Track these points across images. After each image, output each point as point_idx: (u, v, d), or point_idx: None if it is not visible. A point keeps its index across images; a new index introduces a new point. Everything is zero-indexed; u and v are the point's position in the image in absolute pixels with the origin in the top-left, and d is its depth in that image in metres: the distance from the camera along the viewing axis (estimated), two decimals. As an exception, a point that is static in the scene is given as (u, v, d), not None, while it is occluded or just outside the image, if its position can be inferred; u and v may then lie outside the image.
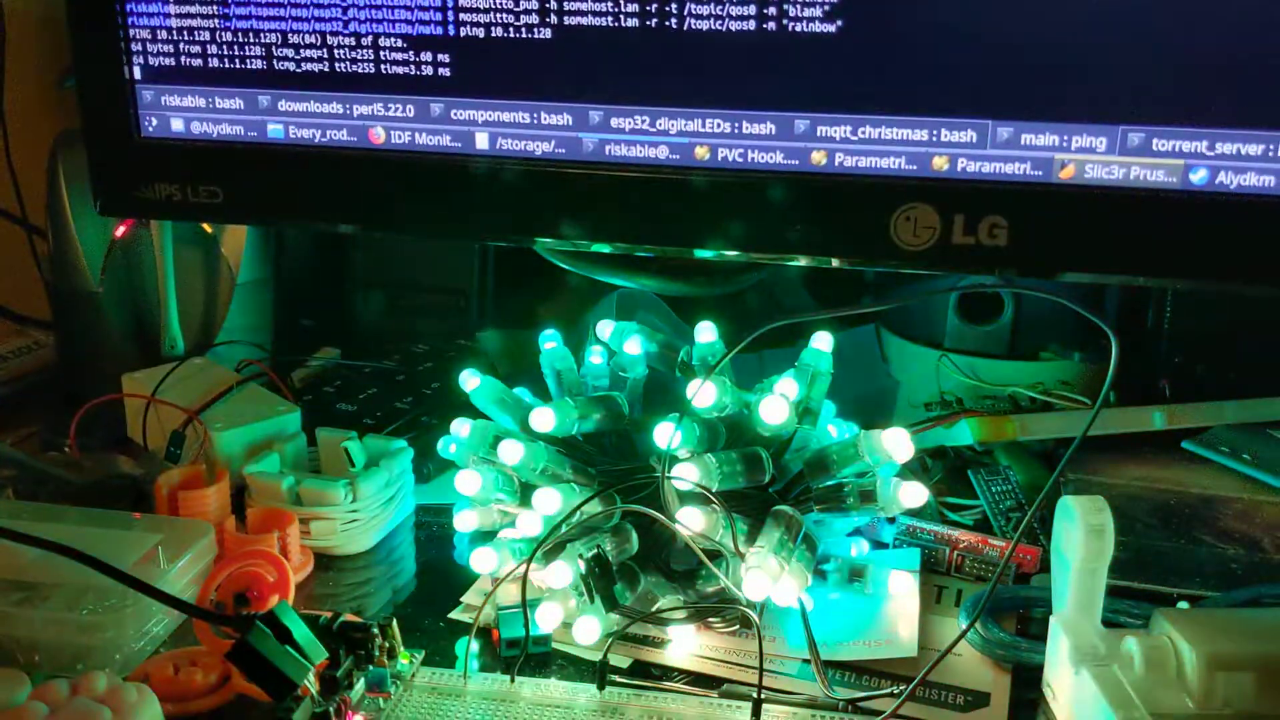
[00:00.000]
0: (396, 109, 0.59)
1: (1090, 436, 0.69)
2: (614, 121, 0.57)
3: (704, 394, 0.51)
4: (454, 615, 0.57)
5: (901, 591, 0.56)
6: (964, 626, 0.53)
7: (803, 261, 0.57)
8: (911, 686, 0.48)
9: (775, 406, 0.52)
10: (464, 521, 0.59)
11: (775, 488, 0.56)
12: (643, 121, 0.56)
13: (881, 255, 0.53)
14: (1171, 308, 0.73)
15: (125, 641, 0.51)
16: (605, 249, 0.59)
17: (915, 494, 0.54)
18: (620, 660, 0.53)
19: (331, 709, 0.44)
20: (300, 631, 0.45)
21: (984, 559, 0.60)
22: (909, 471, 0.59)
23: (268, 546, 0.56)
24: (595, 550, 0.51)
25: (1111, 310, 0.75)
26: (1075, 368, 0.74)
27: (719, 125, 0.55)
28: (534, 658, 0.52)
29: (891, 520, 0.63)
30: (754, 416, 0.54)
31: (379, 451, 0.65)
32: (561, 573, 0.53)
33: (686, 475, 0.52)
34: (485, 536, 0.58)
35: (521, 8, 0.56)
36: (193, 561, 0.55)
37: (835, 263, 0.56)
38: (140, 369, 0.74)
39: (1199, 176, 0.51)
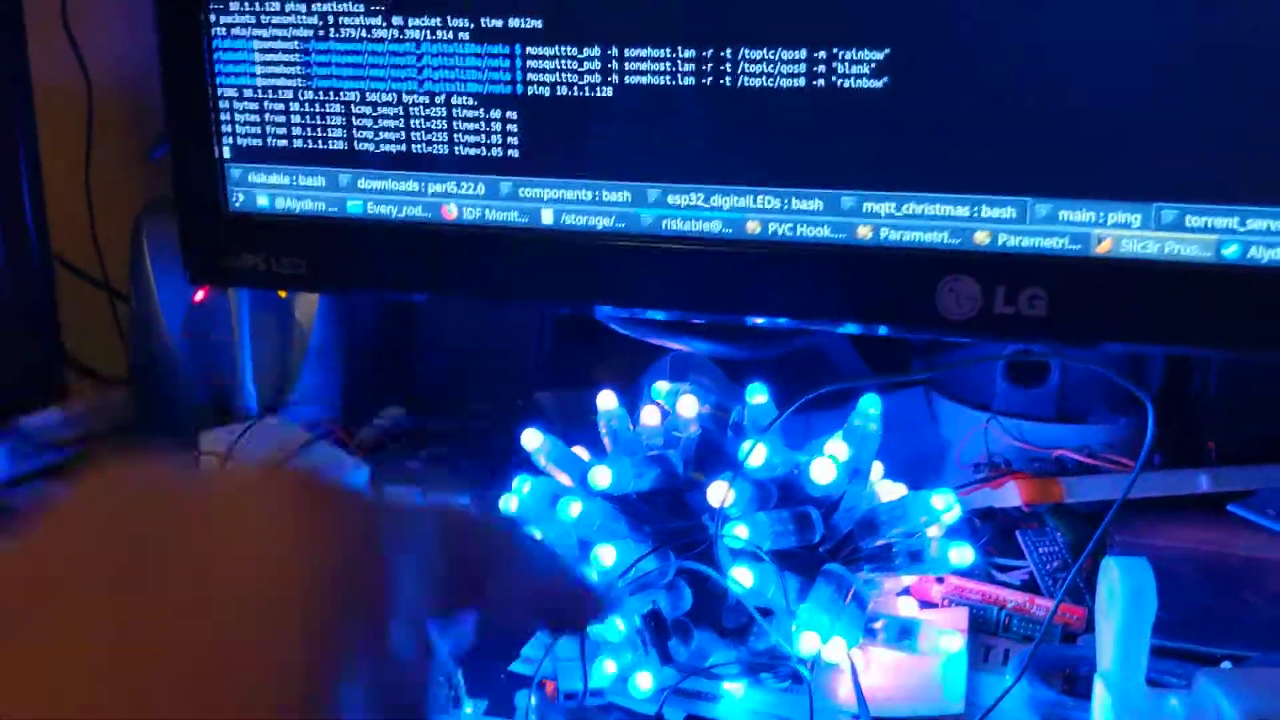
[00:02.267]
0: (468, 187, 0.63)
1: (1137, 499, 0.70)
2: (670, 199, 0.60)
3: (756, 454, 0.54)
4: (513, 668, 0.59)
5: (949, 650, 0.58)
6: (1010, 683, 0.55)
7: (852, 330, 0.59)
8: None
9: (825, 467, 0.54)
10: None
11: (825, 547, 0.58)
12: (698, 198, 0.59)
13: (926, 324, 0.55)
14: (1217, 371, 0.74)
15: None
16: (660, 315, 0.62)
17: (963, 555, 0.56)
18: (674, 715, 0.55)
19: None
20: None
21: (1031, 619, 0.62)
22: (957, 532, 0.60)
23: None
24: (651, 605, 0.54)
25: (1156, 373, 0.77)
26: (1121, 431, 0.76)
27: (769, 202, 0.58)
28: (590, 710, 0.54)
29: (940, 580, 0.65)
30: (804, 476, 0.57)
31: (443, 508, 0.68)
32: (617, 627, 0.56)
33: (739, 534, 0.54)
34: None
35: (585, 68, 0.60)
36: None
37: (883, 330, 0.58)
38: (215, 428, 0.78)
39: (1231, 251, 0.53)
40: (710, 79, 0.58)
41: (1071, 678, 0.58)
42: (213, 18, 0.65)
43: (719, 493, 0.54)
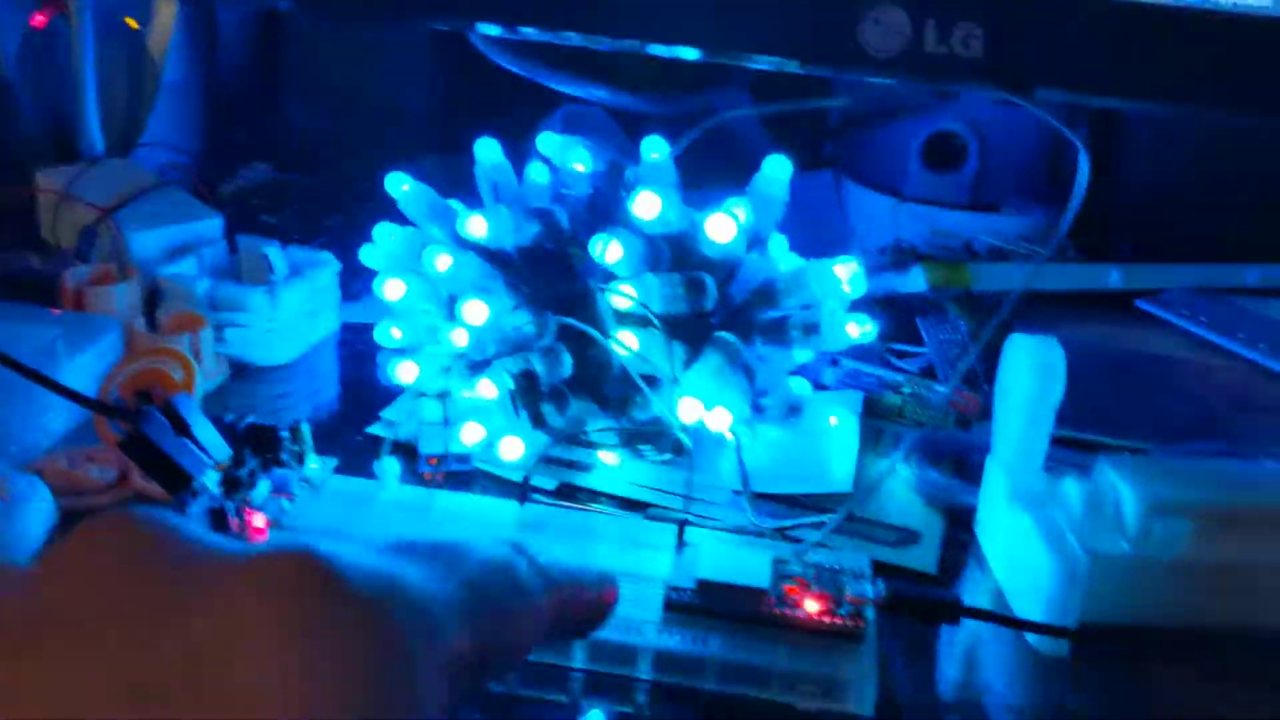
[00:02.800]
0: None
1: (1046, 292, 0.67)
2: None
3: (649, 204, 0.48)
4: (373, 430, 0.54)
5: (840, 431, 0.55)
6: (903, 465, 0.52)
7: (764, 64, 0.53)
8: (841, 515, 0.46)
9: (723, 224, 0.49)
10: (386, 335, 0.56)
11: (717, 317, 0.54)
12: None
13: (848, 60, 0.49)
14: (1136, 166, 0.71)
15: (19, 432, 0.48)
16: (549, 37, 0.55)
17: (861, 329, 0.52)
18: (545, 482, 0.50)
19: (231, 507, 0.41)
20: (201, 426, 0.42)
21: (926, 406, 0.59)
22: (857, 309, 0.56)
23: (178, 348, 0.53)
24: (524, 365, 0.49)
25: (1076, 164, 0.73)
26: (1035, 223, 0.72)
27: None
28: (455, 476, 0.50)
29: (835, 363, 0.61)
30: (700, 237, 0.51)
31: (303, 262, 0.62)
32: (487, 389, 0.51)
33: (626, 296, 0.49)
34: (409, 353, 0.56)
35: None
36: (95, 358, 0.52)
37: (796, 66, 0.52)
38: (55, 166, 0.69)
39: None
40: None
41: (961, 464, 0.55)
42: None
43: (605, 247, 0.49)
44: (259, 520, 0.42)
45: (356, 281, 0.67)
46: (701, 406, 0.48)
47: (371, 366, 0.61)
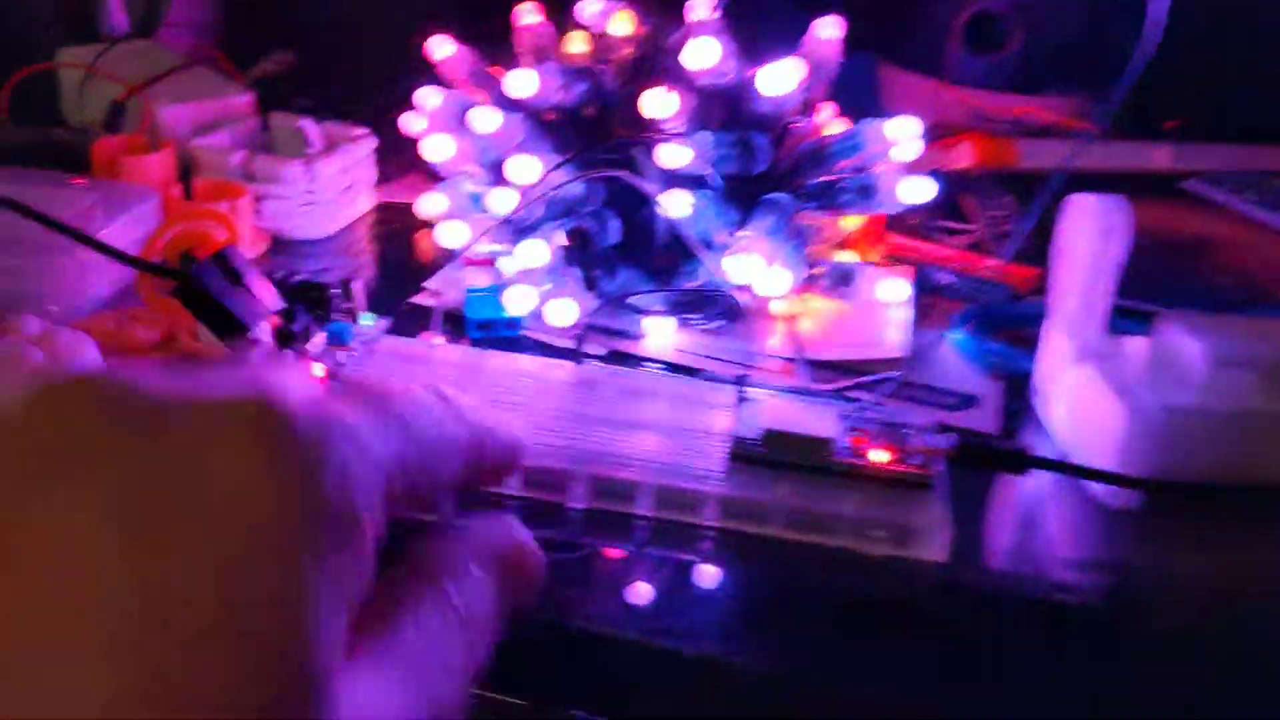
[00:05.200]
0: None
1: (1092, 172, 0.66)
2: None
3: (702, 52, 0.46)
4: (417, 300, 0.53)
5: (893, 299, 0.54)
6: (957, 333, 0.51)
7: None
8: (902, 373, 0.45)
9: (781, 73, 0.47)
10: (430, 204, 0.54)
11: (768, 181, 0.52)
12: None
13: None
14: (1184, 48, 0.69)
15: (60, 295, 0.47)
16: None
17: (921, 189, 0.51)
18: (596, 351, 0.50)
19: (289, 357, 0.40)
20: (253, 277, 0.41)
21: (976, 280, 0.58)
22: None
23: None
24: (577, 225, 0.48)
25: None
26: (1079, 105, 0.71)
27: None
28: (504, 342, 0.49)
29: (881, 239, 0.60)
30: (752, 93, 0.50)
31: (339, 136, 0.61)
32: (535, 253, 0.50)
33: (677, 154, 0.48)
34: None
35: None
36: (134, 223, 0.51)
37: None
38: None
39: None
40: None
41: (1018, 337, 0.55)
42: None
43: (656, 101, 0.48)
44: (317, 370, 0.41)
45: (391, 163, 0.66)
46: (756, 268, 0.47)
47: (411, 241, 0.60)
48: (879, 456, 0.40)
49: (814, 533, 0.39)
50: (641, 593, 0.36)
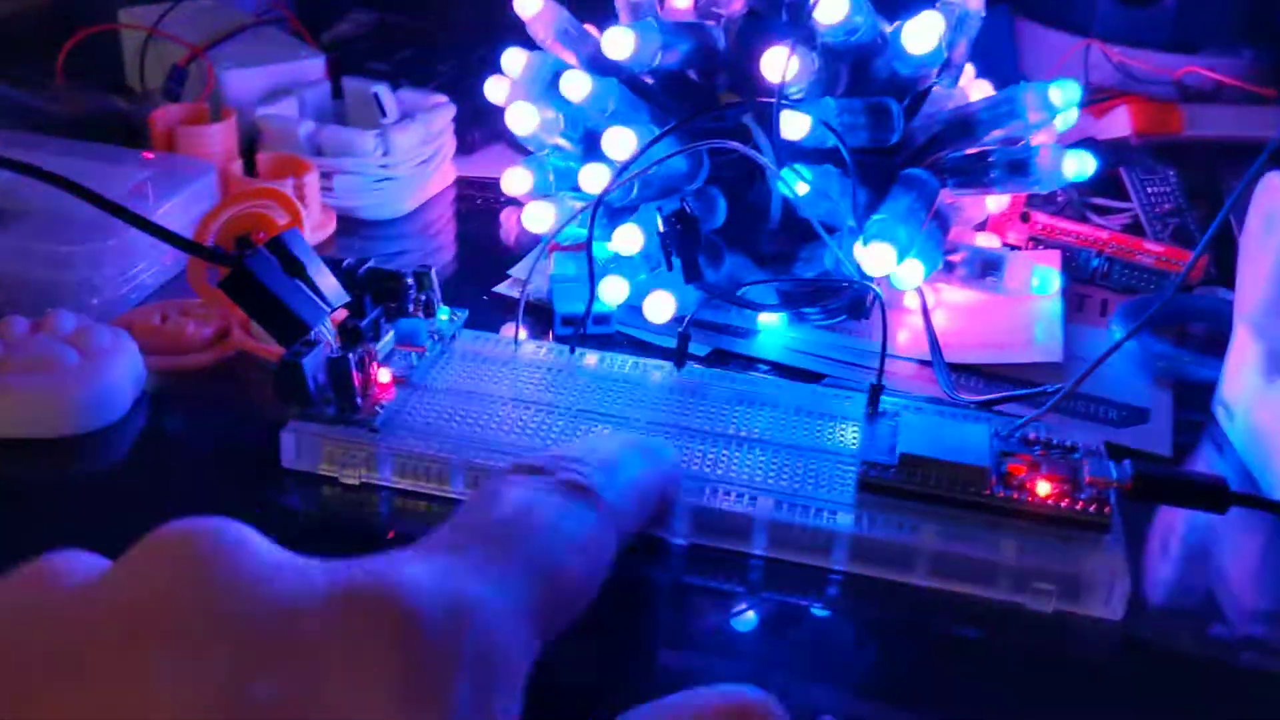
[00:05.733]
0: None
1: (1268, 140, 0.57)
2: None
3: (831, 4, 0.40)
4: (500, 289, 0.47)
5: (1044, 291, 0.46)
6: (1122, 334, 0.44)
7: None
8: (1064, 389, 0.38)
9: (926, 26, 0.40)
10: (514, 180, 0.48)
11: (902, 154, 0.45)
12: None
13: None
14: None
15: (104, 283, 0.42)
16: None
17: (1082, 164, 0.43)
18: (696, 349, 0.43)
19: (353, 360, 0.35)
20: (316, 268, 0.36)
21: (1135, 266, 0.50)
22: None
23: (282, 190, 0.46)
24: (679, 206, 0.41)
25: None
26: (1245, 64, 0.62)
27: None
28: (594, 339, 0.43)
29: (1025, 219, 0.53)
30: (888, 52, 0.43)
31: (416, 105, 0.55)
32: (632, 237, 0.44)
33: (798, 122, 0.41)
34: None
35: None
36: (189, 201, 0.46)
37: None
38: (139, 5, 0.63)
39: None
40: None
41: (1184, 334, 0.47)
42: None
43: (776, 62, 0.41)
44: (384, 375, 0.36)
45: (473, 133, 0.60)
46: (892, 254, 0.40)
47: (495, 222, 0.54)
48: (1043, 489, 0.33)
49: (963, 583, 0.32)
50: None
